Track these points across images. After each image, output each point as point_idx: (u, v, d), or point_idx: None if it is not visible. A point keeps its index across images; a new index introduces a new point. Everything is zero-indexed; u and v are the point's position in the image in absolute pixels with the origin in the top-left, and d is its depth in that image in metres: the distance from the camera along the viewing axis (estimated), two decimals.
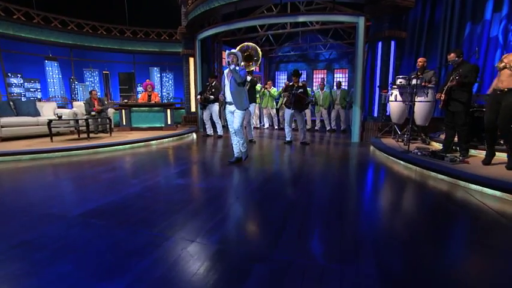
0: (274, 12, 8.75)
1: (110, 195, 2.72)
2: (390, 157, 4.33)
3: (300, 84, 5.78)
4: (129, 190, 2.87)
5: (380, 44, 5.88)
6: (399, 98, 4.99)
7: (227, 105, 4.01)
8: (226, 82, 3.90)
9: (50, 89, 9.43)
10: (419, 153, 3.97)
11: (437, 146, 4.75)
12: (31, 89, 9.24)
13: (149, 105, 7.66)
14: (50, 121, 5.53)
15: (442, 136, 4.92)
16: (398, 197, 2.89)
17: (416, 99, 4.48)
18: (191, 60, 9.05)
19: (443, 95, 3.87)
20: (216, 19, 8.61)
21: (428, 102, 4.60)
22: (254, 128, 9.14)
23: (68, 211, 2.31)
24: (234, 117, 3.95)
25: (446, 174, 3.13)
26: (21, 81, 8.99)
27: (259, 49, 6.15)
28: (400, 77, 4.80)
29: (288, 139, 6.05)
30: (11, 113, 6.11)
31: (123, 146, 5.54)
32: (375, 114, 6.23)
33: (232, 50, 3.90)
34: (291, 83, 6.00)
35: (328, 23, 8.52)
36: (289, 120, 5.93)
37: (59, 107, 8.29)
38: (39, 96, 9.31)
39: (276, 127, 9.16)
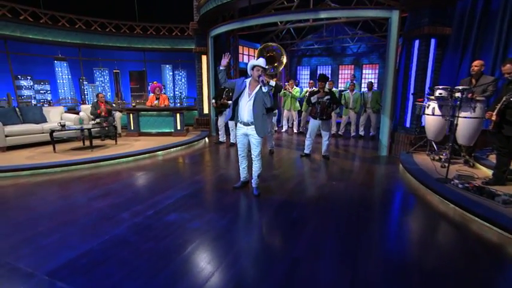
0: (294, 4, 8.23)
1: (91, 238, 2.54)
2: (422, 185, 3.82)
3: (327, 89, 5.34)
4: (114, 231, 2.67)
5: (417, 42, 5.24)
6: (438, 111, 4.40)
7: (241, 125, 3.52)
8: (244, 98, 3.39)
9: (59, 91, 9.64)
10: (460, 185, 3.44)
11: (484, 171, 4.14)
12: (41, 91, 9.50)
13: (158, 109, 7.54)
14: (53, 131, 5.54)
15: (492, 157, 4.30)
16: (425, 249, 2.45)
17: (460, 115, 3.90)
18: (204, 58, 8.80)
19: (494, 115, 3.29)
20: (231, 13, 8.24)
21: (476, 119, 3.99)
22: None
23: (37, 265, 2.14)
24: (252, 142, 3.52)
25: (497, 225, 2.61)
26: (31, 83, 9.25)
27: (284, 53, 5.70)
28: (440, 87, 4.20)
29: (306, 152, 5.66)
30: (16, 120, 6.24)
31: (126, 158, 5.45)
32: (407, 125, 5.63)
33: (258, 61, 3.34)
34: (315, 88, 5.57)
35: (357, 17, 7.86)
36: (312, 132, 5.52)
37: (68, 110, 8.46)
38: (49, 98, 9.58)
39: (296, 130, 8.74)
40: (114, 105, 7.55)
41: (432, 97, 4.40)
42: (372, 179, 4.32)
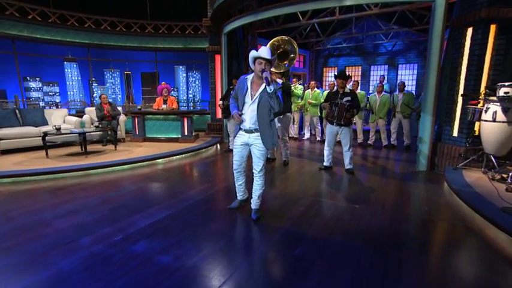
0: None
1: (34, 272, 2.07)
2: (478, 215, 2.97)
3: (347, 89, 4.62)
4: (61, 264, 2.18)
5: (470, 31, 4.37)
6: (501, 116, 3.51)
7: (242, 132, 2.92)
8: (247, 100, 2.82)
9: (69, 93, 9.71)
10: None
11: None
12: (50, 93, 9.62)
13: (164, 112, 7.20)
14: (45, 134, 5.32)
15: None
16: None
17: None
18: (217, 58, 8.39)
19: None
20: (248, 6, 7.74)
21: None
22: (290, 138, 8.13)
23: None
24: (254, 154, 2.91)
25: None
26: (40, 85, 9.38)
27: (294, 42, 5.06)
28: (506, 84, 3.33)
29: (326, 164, 4.95)
30: (15, 123, 6.15)
31: (121, 166, 5.07)
32: (455, 134, 4.72)
33: (260, 52, 2.72)
34: (334, 89, 4.88)
35: (391, 4, 7.02)
36: (330, 140, 4.82)
37: (76, 113, 8.42)
38: (57, 101, 9.68)
39: (319, 138, 7.98)
40: (118, 108, 7.27)
41: (493, 98, 3.52)
42: (406, 203, 3.51)
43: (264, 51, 2.74)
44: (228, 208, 3.23)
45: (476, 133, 4.30)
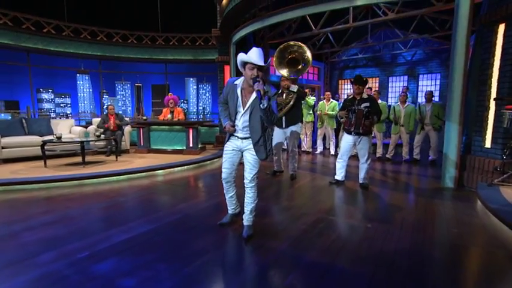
0: None
1: None
2: None
3: (365, 95, 4.19)
4: (5, 285, 1.85)
5: (502, 27, 3.88)
6: None
7: (234, 139, 2.59)
8: (240, 109, 2.47)
9: (80, 104, 9.84)
10: None
11: None
12: (61, 104, 9.78)
13: (169, 123, 7.00)
14: (44, 143, 5.20)
15: None
16: None
17: None
18: (227, 68, 8.24)
19: None
20: (255, 15, 7.58)
21: None
22: (303, 152, 7.68)
23: None
24: (247, 159, 2.55)
25: None
26: (52, 97, 9.55)
27: (306, 48, 4.71)
28: None
29: (338, 178, 4.47)
30: (20, 132, 6.12)
31: (117, 177, 4.82)
32: (488, 145, 4.14)
33: (250, 55, 2.30)
34: (351, 96, 4.46)
35: (408, 6, 6.58)
36: (345, 151, 4.36)
37: (86, 124, 8.43)
38: (68, 112, 9.81)
39: (333, 152, 7.47)
40: (126, 119, 7.18)
41: None
42: (430, 224, 2.96)
43: (255, 55, 2.29)
44: (219, 224, 2.83)
45: None
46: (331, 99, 7.36)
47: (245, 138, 2.53)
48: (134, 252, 2.31)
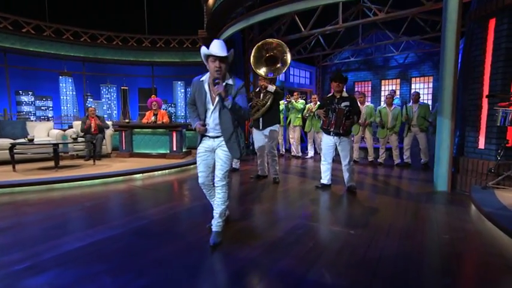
0: None
1: None
2: None
3: (345, 94, 3.98)
4: None
5: (493, 22, 3.72)
6: None
7: (205, 139, 2.44)
8: (209, 106, 2.36)
9: (62, 107, 9.53)
10: None
11: None
12: (42, 107, 9.46)
13: (152, 126, 6.75)
14: (13, 146, 4.90)
15: None
16: None
17: None
18: None
19: None
20: (241, 13, 7.42)
21: None
22: (293, 157, 7.46)
23: None
24: (218, 156, 2.38)
25: None
26: (32, 99, 9.25)
27: (287, 49, 4.54)
28: None
29: (324, 182, 4.23)
30: None
31: (91, 181, 4.54)
32: (481, 146, 3.94)
33: (212, 48, 2.23)
34: (330, 94, 4.25)
35: (398, 6, 6.46)
36: (327, 153, 4.14)
37: (68, 127, 8.11)
38: (50, 115, 9.49)
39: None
40: (109, 123, 6.91)
41: None
42: (420, 230, 2.72)
43: (216, 47, 2.24)
44: (207, 227, 2.56)
45: (510, 143, 3.52)
46: (318, 102, 7.20)
47: (217, 137, 2.40)
48: (82, 262, 2.03)
